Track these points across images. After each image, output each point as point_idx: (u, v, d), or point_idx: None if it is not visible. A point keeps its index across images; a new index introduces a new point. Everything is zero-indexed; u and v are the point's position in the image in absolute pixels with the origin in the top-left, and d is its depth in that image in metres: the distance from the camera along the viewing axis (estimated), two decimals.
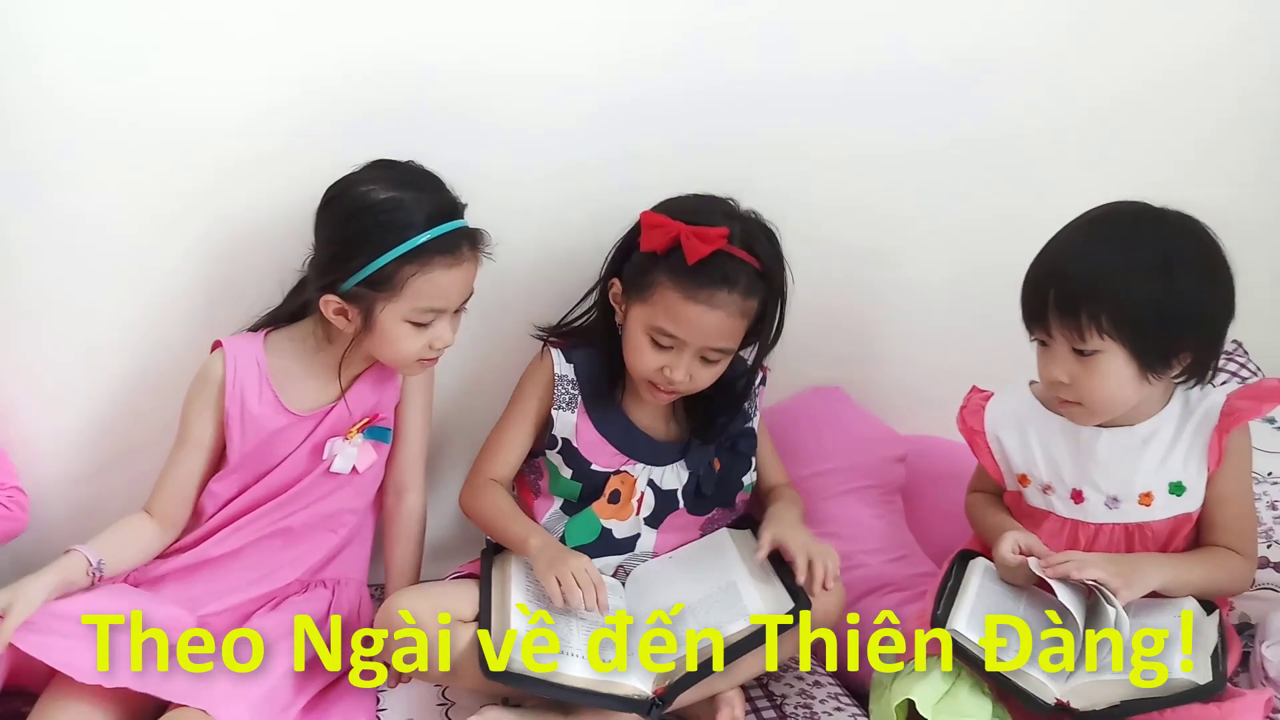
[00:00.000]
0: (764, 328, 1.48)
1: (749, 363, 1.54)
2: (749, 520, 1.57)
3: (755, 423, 1.58)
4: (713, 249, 1.41)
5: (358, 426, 1.50)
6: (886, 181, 1.75)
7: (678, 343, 1.45)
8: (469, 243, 1.44)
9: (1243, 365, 1.84)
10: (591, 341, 1.55)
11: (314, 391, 1.51)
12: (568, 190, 1.64)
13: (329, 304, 1.43)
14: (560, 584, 1.37)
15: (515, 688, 1.32)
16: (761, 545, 1.43)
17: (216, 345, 1.51)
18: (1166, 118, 1.80)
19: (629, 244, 1.49)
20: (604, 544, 1.53)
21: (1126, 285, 1.29)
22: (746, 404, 1.56)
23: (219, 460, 1.51)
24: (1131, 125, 1.79)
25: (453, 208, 1.44)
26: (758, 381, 1.57)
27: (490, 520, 1.52)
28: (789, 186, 1.65)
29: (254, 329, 1.53)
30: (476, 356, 1.65)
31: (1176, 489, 1.38)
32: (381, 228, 1.40)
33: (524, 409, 1.56)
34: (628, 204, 1.52)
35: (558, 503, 1.55)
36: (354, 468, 1.50)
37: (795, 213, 1.53)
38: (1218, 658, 1.25)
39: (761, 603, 1.38)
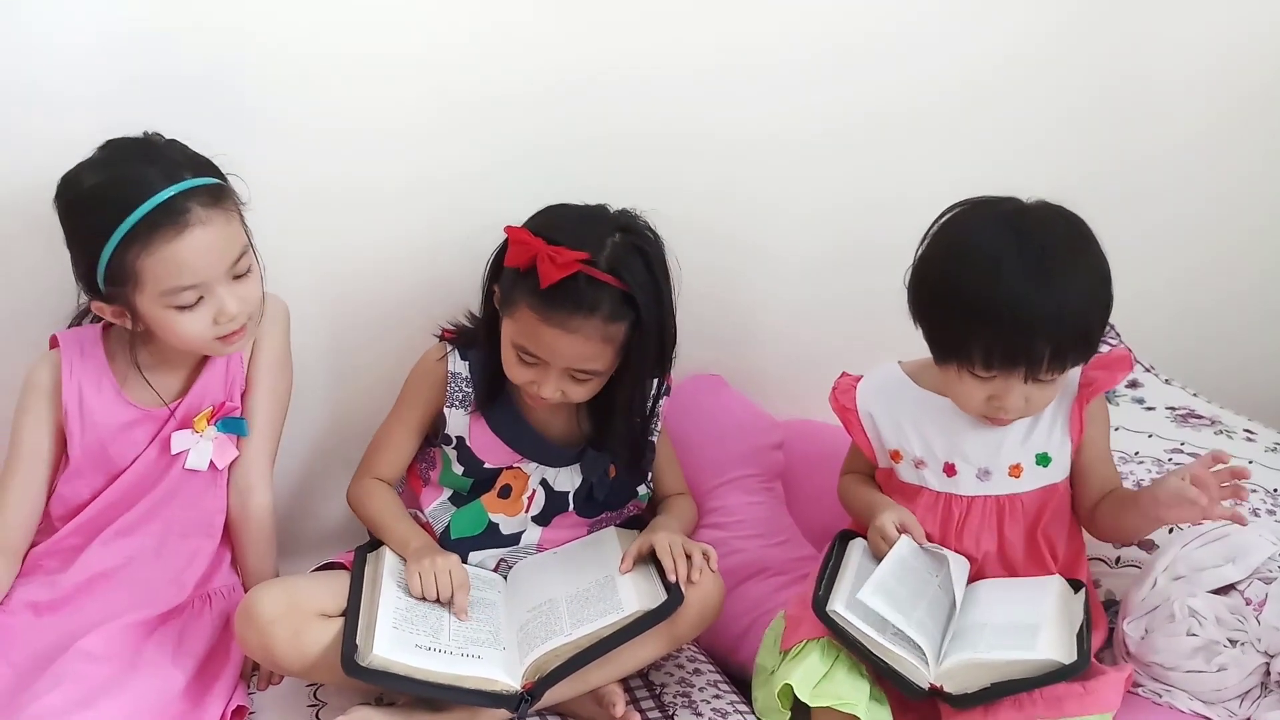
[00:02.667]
0: (645, 345, 1.43)
1: (651, 377, 1.50)
2: (638, 520, 1.56)
3: (656, 434, 1.55)
4: (566, 274, 1.36)
5: (204, 416, 1.43)
6: (752, 168, 1.75)
7: (541, 361, 1.41)
8: (199, 202, 1.32)
9: (1114, 347, 1.90)
10: (482, 337, 1.51)
11: (157, 384, 1.43)
12: (443, 186, 1.62)
13: (99, 309, 1.36)
14: (421, 578, 1.36)
15: (378, 685, 1.30)
16: (625, 556, 1.43)
17: (54, 343, 1.43)
18: (1011, 101, 1.85)
19: (501, 255, 1.45)
20: (489, 537, 1.51)
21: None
22: (649, 417, 1.53)
23: (61, 468, 1.43)
24: (980, 108, 1.83)
25: (170, 173, 1.32)
26: (659, 392, 1.53)
27: (375, 520, 1.49)
28: (656, 175, 1.65)
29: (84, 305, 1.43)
30: (379, 351, 1.63)
31: (1043, 460, 1.41)
32: (93, 220, 1.31)
33: (414, 406, 1.52)
34: (505, 200, 1.50)
35: (446, 493, 1.53)
36: (212, 464, 1.43)
37: (663, 200, 1.52)
38: (1083, 636, 1.28)
39: (636, 596, 1.37)
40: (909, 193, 1.76)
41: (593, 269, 1.37)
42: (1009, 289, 1.29)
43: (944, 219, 1.40)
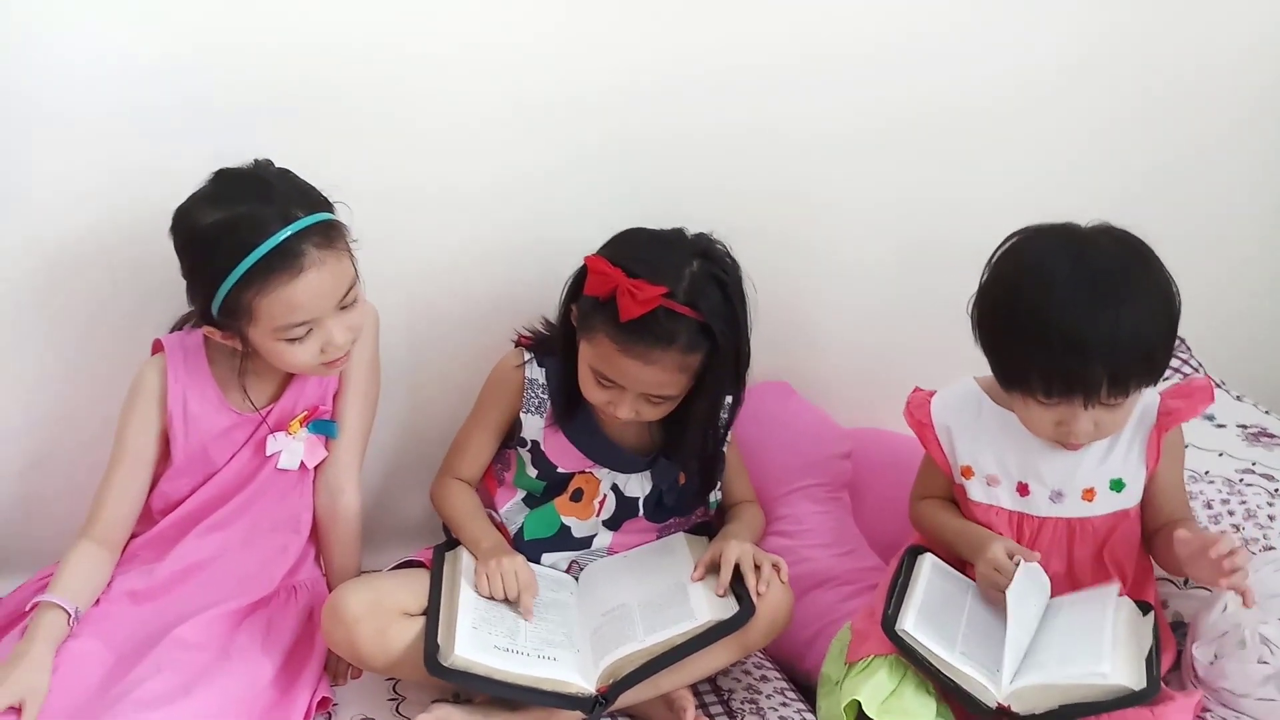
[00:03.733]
0: (721, 369, 1.45)
1: (725, 397, 1.52)
2: (706, 527, 1.59)
3: (726, 445, 1.58)
4: (647, 310, 1.38)
5: (299, 420, 1.48)
6: (818, 168, 1.75)
7: (618, 386, 1.44)
8: (313, 243, 1.36)
9: (1185, 361, 1.89)
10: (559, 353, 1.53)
11: (255, 390, 1.48)
12: (517, 190, 1.65)
13: (210, 333, 1.41)
14: (488, 578, 1.40)
15: (459, 684, 1.34)
16: (698, 565, 1.46)
17: (158, 347, 1.48)
18: (1086, 98, 1.84)
19: (580, 279, 1.48)
20: (561, 540, 1.55)
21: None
22: (721, 433, 1.55)
23: (162, 467, 1.49)
24: (1048, 106, 1.82)
25: (284, 213, 1.35)
26: (733, 409, 1.55)
27: (453, 519, 1.54)
28: (723, 176, 1.67)
29: (196, 325, 1.48)
30: (456, 353, 1.67)
31: (1117, 485, 1.42)
32: (210, 259, 1.35)
33: (492, 410, 1.56)
34: (578, 203, 1.57)
35: (520, 494, 1.56)
36: (302, 463, 1.48)
37: (724, 201, 1.55)
38: (1152, 661, 1.29)
39: (708, 606, 1.40)
40: (976, 194, 1.80)
41: (672, 302, 1.39)
42: (1061, 314, 1.29)
43: (1002, 247, 1.40)
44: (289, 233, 1.34)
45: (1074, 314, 1.29)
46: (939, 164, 1.80)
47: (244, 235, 1.34)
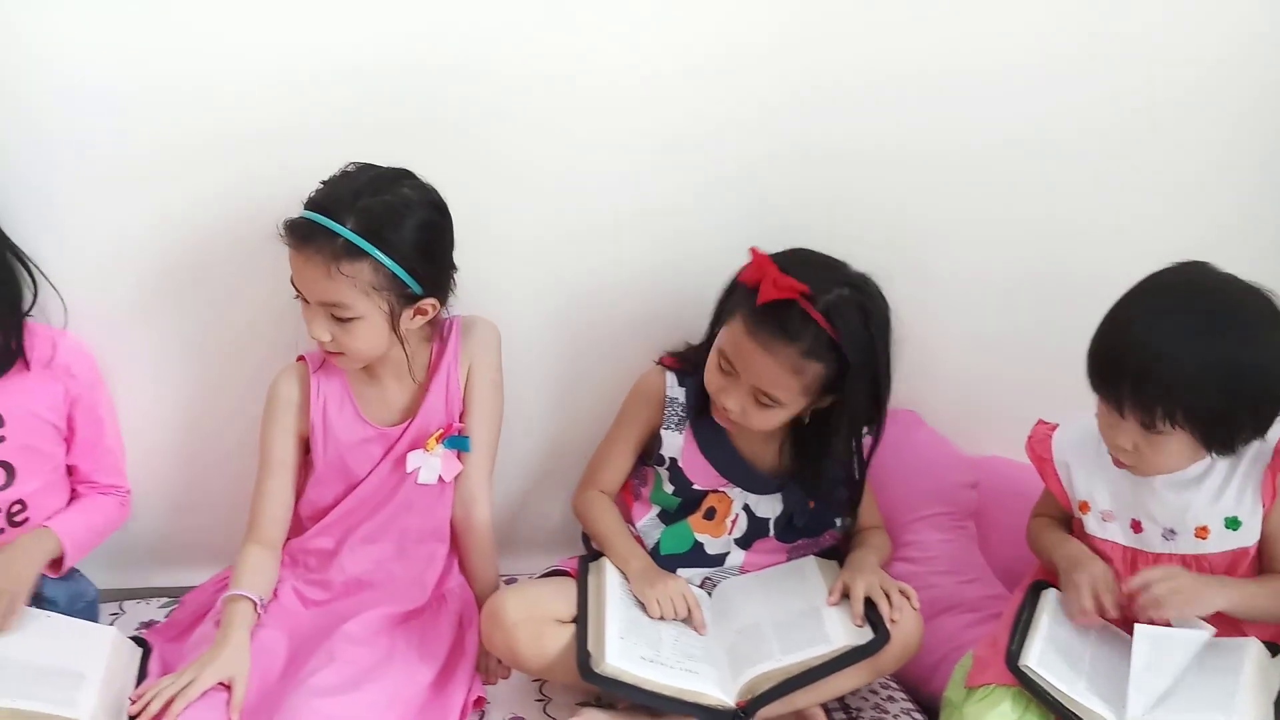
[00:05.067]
0: (853, 400, 1.48)
1: (858, 433, 1.56)
2: (835, 551, 1.65)
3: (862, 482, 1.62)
4: (781, 296, 1.43)
5: (435, 437, 1.57)
6: (926, 187, 1.76)
7: (735, 372, 1.48)
8: (326, 242, 1.43)
9: None
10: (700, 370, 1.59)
11: (389, 405, 1.58)
12: (655, 215, 1.71)
13: (423, 310, 1.50)
14: (659, 604, 1.48)
15: (609, 690, 1.42)
16: (832, 590, 1.51)
17: (301, 359, 1.59)
18: (1204, 119, 1.80)
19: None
20: (695, 556, 1.62)
21: (1204, 392, 1.32)
22: (856, 470, 1.59)
23: (305, 473, 1.60)
24: (1171, 127, 1.79)
25: (347, 206, 1.44)
26: (870, 450, 1.59)
27: (597, 533, 1.62)
28: (825, 196, 1.71)
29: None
30: (596, 371, 1.75)
31: (1232, 524, 1.43)
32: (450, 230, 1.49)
33: (632, 425, 1.64)
34: (711, 229, 1.60)
35: (655, 510, 1.64)
36: (440, 477, 1.58)
37: (846, 222, 1.58)
38: None
39: (844, 631, 1.46)
40: (1100, 218, 1.79)
41: (809, 304, 1.44)
42: (1135, 309, 1.35)
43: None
44: (319, 219, 1.42)
45: (1132, 321, 1.35)
46: (1064, 188, 1.80)
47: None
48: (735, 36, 1.65)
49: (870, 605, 1.48)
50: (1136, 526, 1.46)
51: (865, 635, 1.44)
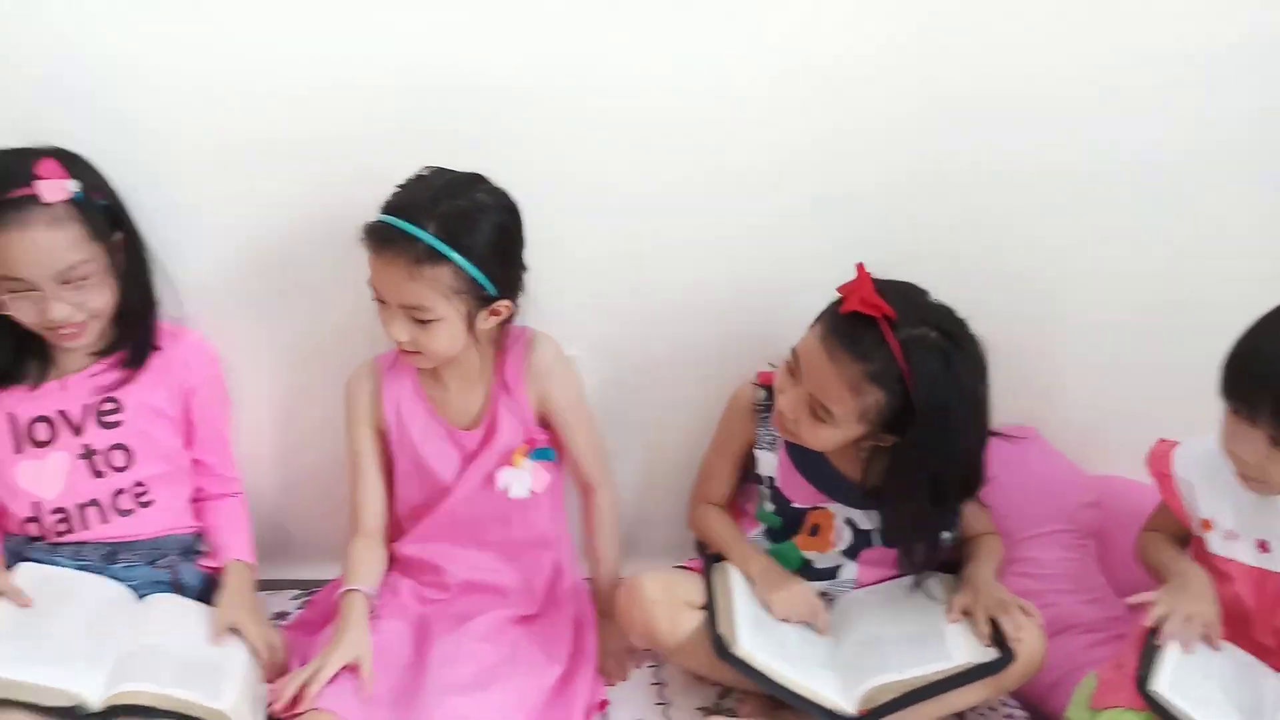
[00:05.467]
0: (921, 439, 1.42)
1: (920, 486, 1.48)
2: (952, 565, 1.63)
3: (947, 539, 1.59)
4: (862, 310, 1.41)
5: (520, 452, 1.61)
6: (1052, 209, 1.73)
7: (797, 374, 1.48)
8: (409, 244, 1.46)
9: None
10: None
11: (455, 405, 1.62)
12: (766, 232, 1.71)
13: (497, 312, 1.52)
14: (783, 606, 1.52)
15: (741, 674, 1.45)
16: (951, 607, 1.51)
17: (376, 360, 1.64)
18: None
19: None
20: (806, 573, 1.63)
21: None
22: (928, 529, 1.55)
23: (391, 471, 1.65)
24: None
25: (429, 214, 1.47)
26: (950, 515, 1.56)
27: (716, 542, 1.65)
28: (952, 216, 1.70)
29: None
30: (707, 388, 1.75)
31: None
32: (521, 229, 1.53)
33: (730, 440, 1.66)
34: (817, 252, 1.58)
35: (762, 527, 1.65)
36: (531, 490, 1.61)
37: (968, 243, 1.58)
38: None
39: (965, 648, 1.47)
40: (1233, 242, 1.75)
41: (889, 328, 1.41)
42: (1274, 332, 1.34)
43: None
44: (400, 223, 1.45)
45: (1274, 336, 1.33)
46: (1197, 210, 1.75)
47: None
48: (841, 53, 1.64)
49: (992, 623, 1.48)
50: (1263, 546, 1.44)
51: (989, 653, 1.45)
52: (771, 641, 1.48)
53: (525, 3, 1.57)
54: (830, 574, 1.64)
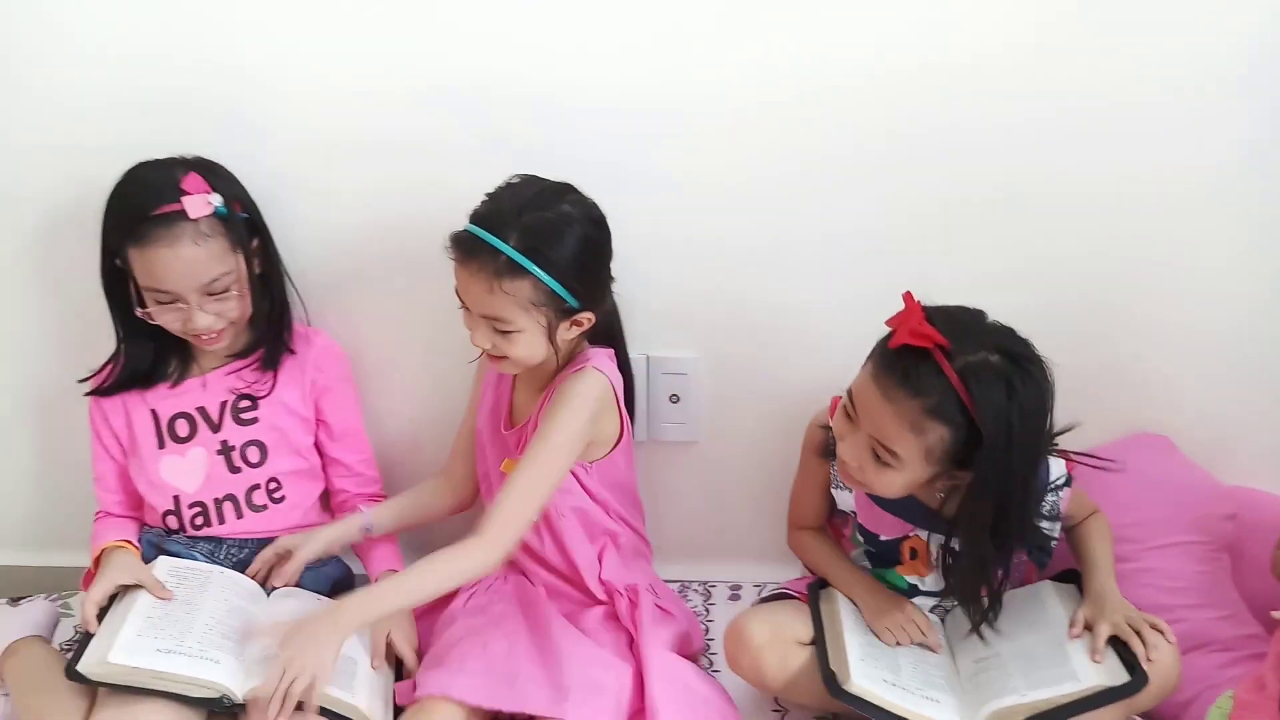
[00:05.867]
0: (987, 476, 1.36)
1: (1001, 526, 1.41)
2: (1072, 573, 1.58)
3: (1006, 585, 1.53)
4: (914, 343, 1.34)
5: (509, 464, 1.60)
6: (1173, 213, 1.68)
7: (855, 419, 1.42)
8: (490, 257, 1.47)
9: None
10: None
11: (522, 405, 1.64)
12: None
13: (589, 320, 1.53)
14: (894, 632, 1.50)
15: (854, 708, 1.43)
16: (1073, 623, 1.46)
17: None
18: None
19: None
20: (913, 593, 1.60)
21: None
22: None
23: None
24: None
25: (510, 224, 1.47)
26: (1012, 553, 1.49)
27: (817, 567, 1.64)
28: (1075, 228, 1.67)
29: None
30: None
31: None
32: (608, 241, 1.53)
33: (809, 474, 1.64)
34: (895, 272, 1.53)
35: (861, 547, 1.63)
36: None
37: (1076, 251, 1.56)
38: None
39: (1094, 669, 1.41)
40: None
41: (944, 358, 1.34)
42: None
43: None
44: (483, 234, 1.45)
45: None
46: None
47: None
48: (898, 72, 1.60)
49: (1121, 643, 1.43)
50: None
51: (1121, 675, 1.40)
52: (884, 669, 1.46)
53: (623, 28, 1.58)
54: (939, 593, 1.59)
